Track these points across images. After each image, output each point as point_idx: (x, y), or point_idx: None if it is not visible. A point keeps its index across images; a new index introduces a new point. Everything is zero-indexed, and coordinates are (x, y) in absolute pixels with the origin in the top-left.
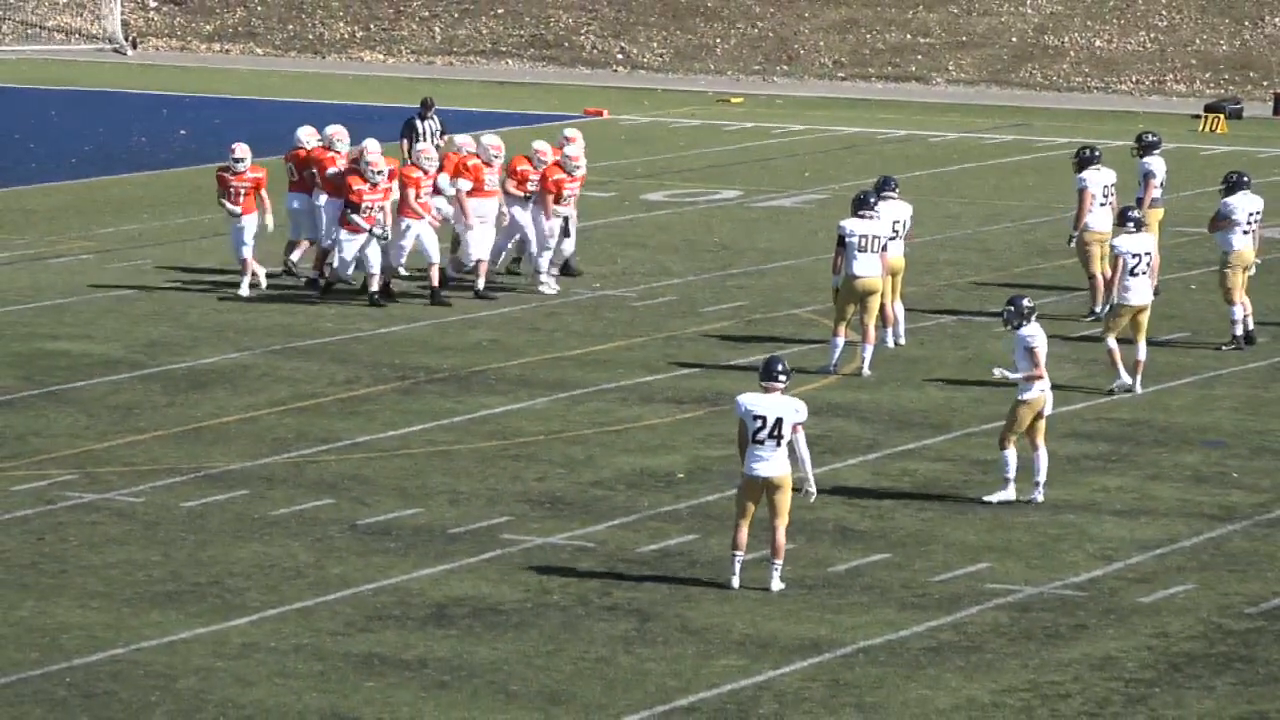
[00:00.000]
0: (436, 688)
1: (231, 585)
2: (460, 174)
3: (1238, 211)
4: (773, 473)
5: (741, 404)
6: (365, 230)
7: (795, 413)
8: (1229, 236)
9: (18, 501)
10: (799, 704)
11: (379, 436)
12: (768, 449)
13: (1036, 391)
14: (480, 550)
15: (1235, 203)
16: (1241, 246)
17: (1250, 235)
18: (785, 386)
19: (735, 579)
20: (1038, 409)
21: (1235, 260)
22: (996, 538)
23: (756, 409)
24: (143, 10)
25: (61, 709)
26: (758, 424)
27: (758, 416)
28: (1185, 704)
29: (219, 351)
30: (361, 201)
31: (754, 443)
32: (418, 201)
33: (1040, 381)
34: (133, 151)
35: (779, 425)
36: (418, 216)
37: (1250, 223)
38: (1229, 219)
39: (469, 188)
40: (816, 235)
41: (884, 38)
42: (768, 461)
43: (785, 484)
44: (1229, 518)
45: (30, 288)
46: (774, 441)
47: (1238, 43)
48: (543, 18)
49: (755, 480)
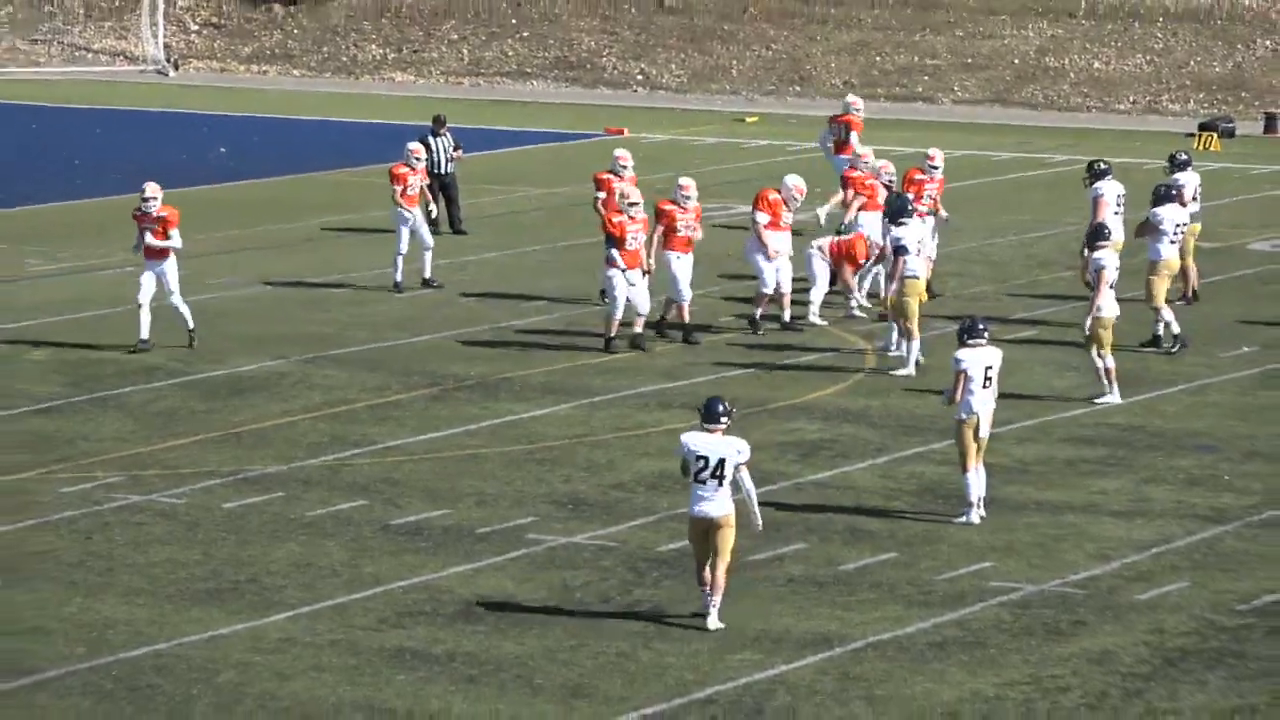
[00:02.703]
0: (465, 681)
1: (269, 583)
2: (759, 207)
3: (1165, 222)
4: (715, 512)
5: (685, 444)
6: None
7: (737, 453)
8: (1157, 245)
9: (66, 503)
10: (811, 696)
11: (409, 441)
12: (709, 489)
13: (966, 412)
14: (506, 549)
15: (1163, 214)
16: (1169, 255)
17: (1177, 245)
18: (727, 427)
19: (711, 619)
20: (972, 426)
21: (1163, 268)
22: (999, 538)
23: (699, 449)
24: (184, 33)
25: (108, 701)
26: (700, 464)
27: (700, 457)
28: (1179, 697)
29: (256, 360)
30: (625, 235)
31: (696, 482)
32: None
33: (974, 401)
34: (174, 168)
35: (720, 466)
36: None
37: (1176, 233)
38: (1156, 228)
39: (766, 220)
40: None
41: (893, 59)
42: (710, 501)
43: (727, 524)
44: (1221, 519)
45: (77, 298)
46: (716, 481)
47: (1230, 64)
48: (566, 40)
49: (699, 519)
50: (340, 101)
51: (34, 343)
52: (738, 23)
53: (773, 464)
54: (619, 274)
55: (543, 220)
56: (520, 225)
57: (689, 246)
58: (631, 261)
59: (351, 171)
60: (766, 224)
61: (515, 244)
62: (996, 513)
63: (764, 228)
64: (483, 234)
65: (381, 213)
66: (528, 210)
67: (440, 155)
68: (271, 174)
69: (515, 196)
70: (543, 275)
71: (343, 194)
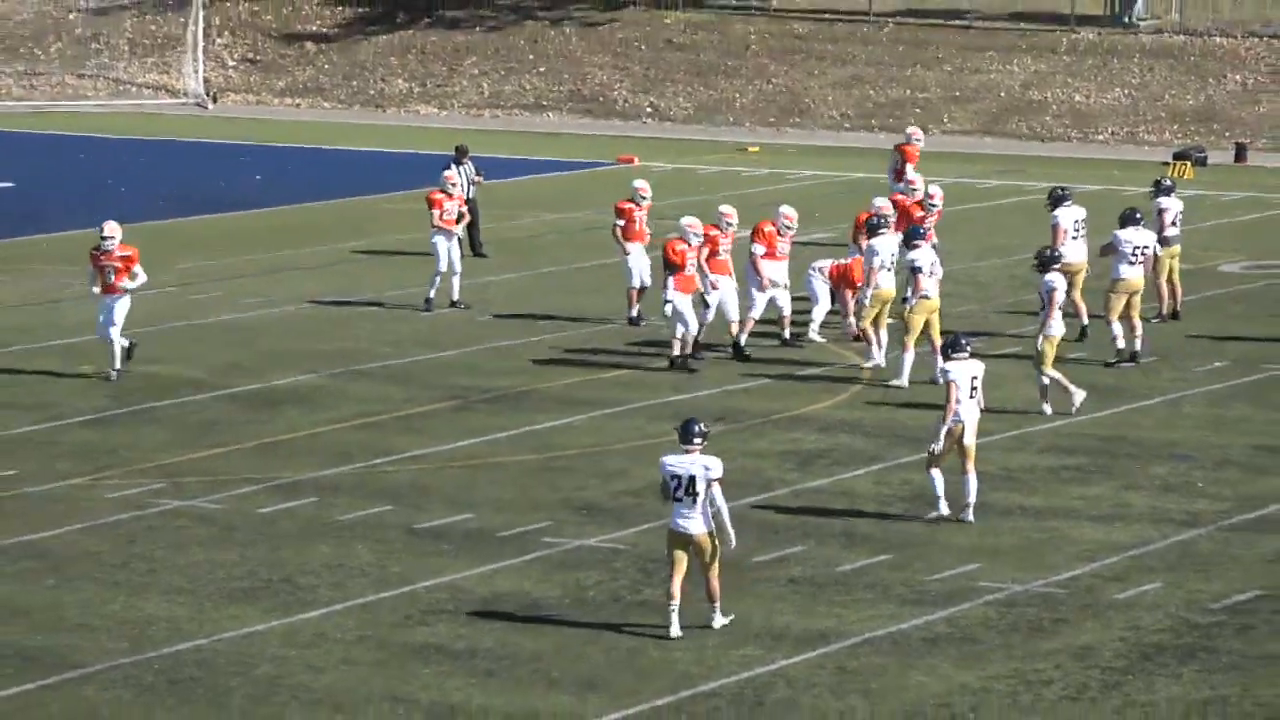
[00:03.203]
0: (484, 675)
1: (302, 582)
2: (755, 239)
3: (1125, 244)
4: (694, 530)
5: (664, 464)
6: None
7: (706, 470)
8: (1119, 265)
9: (111, 508)
10: (809, 689)
11: (434, 450)
12: (686, 505)
13: (954, 420)
14: (524, 552)
15: (1125, 235)
16: (1129, 275)
17: (1137, 266)
18: (703, 446)
19: (674, 628)
20: (956, 435)
21: (1122, 287)
22: (986, 541)
23: (675, 469)
24: (222, 69)
25: (150, 693)
26: (675, 482)
27: (675, 475)
28: (1155, 689)
29: (289, 374)
30: (684, 263)
31: (675, 500)
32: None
33: (961, 410)
34: (212, 195)
35: (692, 483)
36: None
37: (1137, 255)
38: (1117, 249)
39: (762, 251)
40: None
41: (886, 93)
42: (689, 518)
43: (706, 540)
44: (1195, 523)
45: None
46: (690, 499)
47: (1203, 97)
48: (580, 75)
49: (678, 534)
50: (368, 132)
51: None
52: (740, 59)
53: (774, 471)
54: (678, 296)
55: (558, 243)
56: (537, 248)
57: (727, 270)
58: (686, 287)
59: (380, 198)
60: (763, 255)
61: (533, 265)
62: (984, 517)
63: (760, 259)
64: (502, 256)
65: (407, 236)
66: (544, 234)
67: (463, 181)
68: (304, 200)
69: (532, 221)
70: (558, 295)
71: (372, 219)
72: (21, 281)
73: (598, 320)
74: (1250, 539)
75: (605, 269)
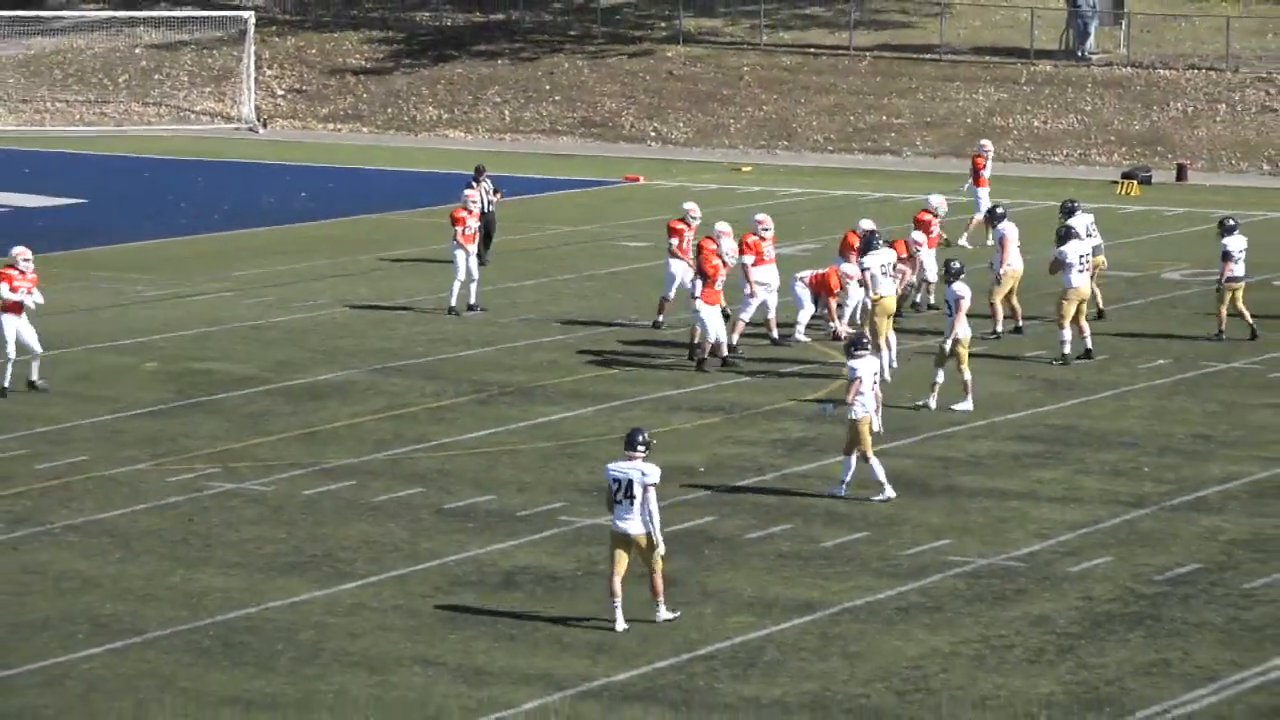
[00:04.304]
0: (506, 639)
1: (342, 557)
2: (744, 251)
3: (1070, 255)
4: (632, 530)
5: (608, 470)
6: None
7: (643, 475)
8: (1069, 276)
9: (171, 490)
10: (796, 653)
11: (460, 438)
12: (625, 508)
13: (862, 411)
14: (541, 529)
15: (1067, 250)
16: (1079, 284)
17: (1084, 273)
18: (645, 454)
19: (618, 623)
20: (867, 423)
21: (1073, 295)
22: (955, 519)
23: (616, 473)
24: (271, 97)
25: (206, 656)
26: (615, 486)
27: (616, 480)
28: (1106, 653)
29: (332, 370)
30: (717, 276)
31: (616, 503)
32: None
33: (865, 403)
34: (263, 210)
35: (630, 486)
36: None
37: (1082, 264)
38: (1064, 263)
39: (751, 261)
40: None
41: (865, 119)
42: (627, 520)
43: (644, 540)
44: (1141, 504)
45: (180, 319)
46: (629, 501)
47: (1148, 123)
48: (591, 103)
49: (618, 534)
50: (402, 154)
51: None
52: (735, 88)
53: (765, 457)
54: (705, 307)
55: (571, 254)
56: (553, 258)
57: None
58: (712, 299)
59: (413, 213)
60: (753, 263)
61: (548, 273)
62: (952, 498)
63: (751, 267)
64: (520, 265)
65: (438, 247)
66: (558, 245)
67: (481, 198)
68: (345, 215)
69: (548, 234)
70: (571, 300)
71: (405, 232)
72: (93, 287)
73: (606, 323)
74: (1191, 518)
75: (613, 276)
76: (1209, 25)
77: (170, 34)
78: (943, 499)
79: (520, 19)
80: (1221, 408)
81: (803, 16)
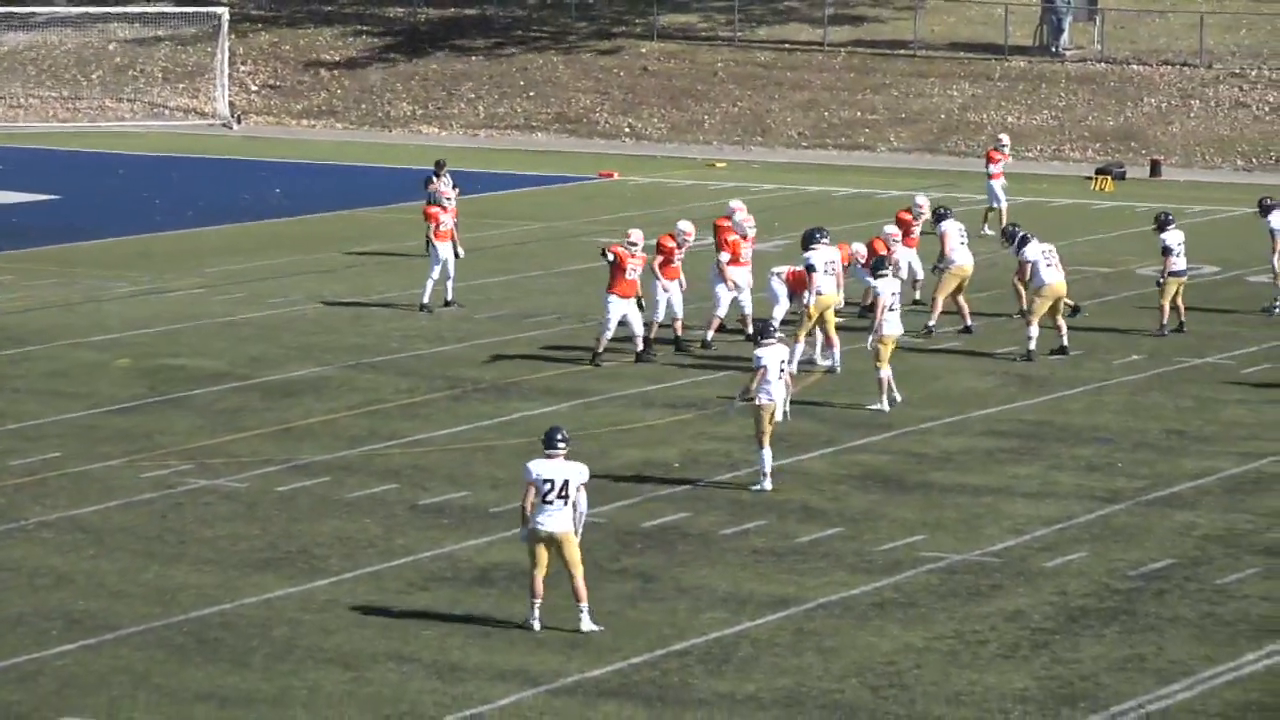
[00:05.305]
0: (480, 636)
1: (316, 553)
2: (721, 247)
3: (1034, 253)
4: (557, 528)
5: (531, 470)
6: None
7: (579, 474)
8: (1040, 275)
9: (145, 486)
10: (771, 648)
11: (434, 434)
12: (555, 507)
13: (766, 398)
14: (515, 525)
15: (1029, 252)
16: (1051, 280)
17: (1054, 268)
18: (566, 452)
19: (535, 622)
20: (770, 411)
21: (1047, 292)
22: (929, 515)
23: (545, 474)
24: (246, 93)
25: (180, 652)
26: (547, 486)
27: (546, 480)
28: (1080, 648)
29: (306, 366)
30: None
31: (544, 502)
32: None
33: (771, 390)
34: (237, 206)
35: (566, 486)
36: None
37: (1048, 257)
38: (1031, 264)
39: (728, 259)
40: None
41: (839, 115)
42: (553, 517)
43: (568, 539)
44: (1115, 499)
45: (153, 315)
46: (561, 500)
47: (1122, 119)
48: (565, 99)
49: (540, 534)
50: (376, 150)
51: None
52: (709, 84)
53: (740, 454)
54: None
55: (545, 249)
56: (526, 254)
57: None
58: (627, 291)
59: (386, 209)
60: (729, 261)
61: (522, 269)
62: (926, 493)
63: (727, 265)
64: (493, 261)
65: (413, 243)
66: (532, 241)
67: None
68: (319, 211)
69: (521, 229)
70: (544, 295)
71: (379, 228)
72: (67, 283)
73: (578, 318)
74: (1165, 513)
75: (586, 273)
76: (1183, 21)
77: (144, 30)
78: (917, 495)
79: (495, 15)
80: (1195, 403)
81: (777, 12)
